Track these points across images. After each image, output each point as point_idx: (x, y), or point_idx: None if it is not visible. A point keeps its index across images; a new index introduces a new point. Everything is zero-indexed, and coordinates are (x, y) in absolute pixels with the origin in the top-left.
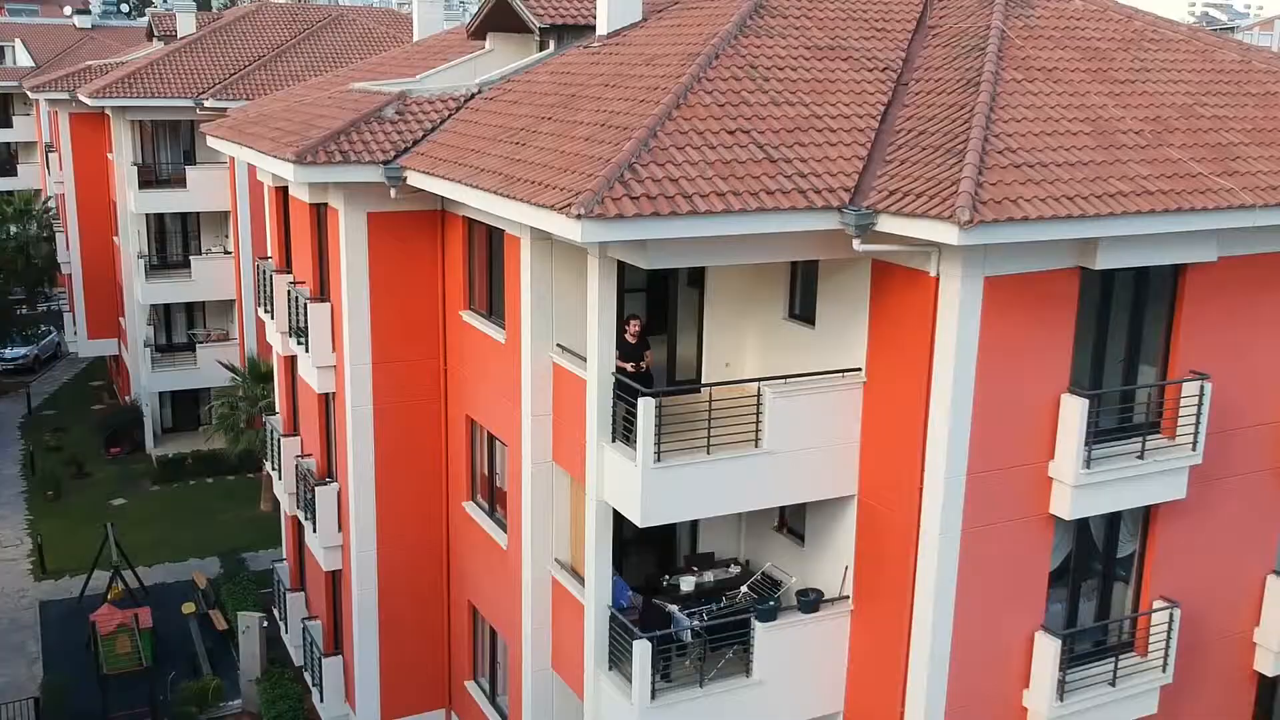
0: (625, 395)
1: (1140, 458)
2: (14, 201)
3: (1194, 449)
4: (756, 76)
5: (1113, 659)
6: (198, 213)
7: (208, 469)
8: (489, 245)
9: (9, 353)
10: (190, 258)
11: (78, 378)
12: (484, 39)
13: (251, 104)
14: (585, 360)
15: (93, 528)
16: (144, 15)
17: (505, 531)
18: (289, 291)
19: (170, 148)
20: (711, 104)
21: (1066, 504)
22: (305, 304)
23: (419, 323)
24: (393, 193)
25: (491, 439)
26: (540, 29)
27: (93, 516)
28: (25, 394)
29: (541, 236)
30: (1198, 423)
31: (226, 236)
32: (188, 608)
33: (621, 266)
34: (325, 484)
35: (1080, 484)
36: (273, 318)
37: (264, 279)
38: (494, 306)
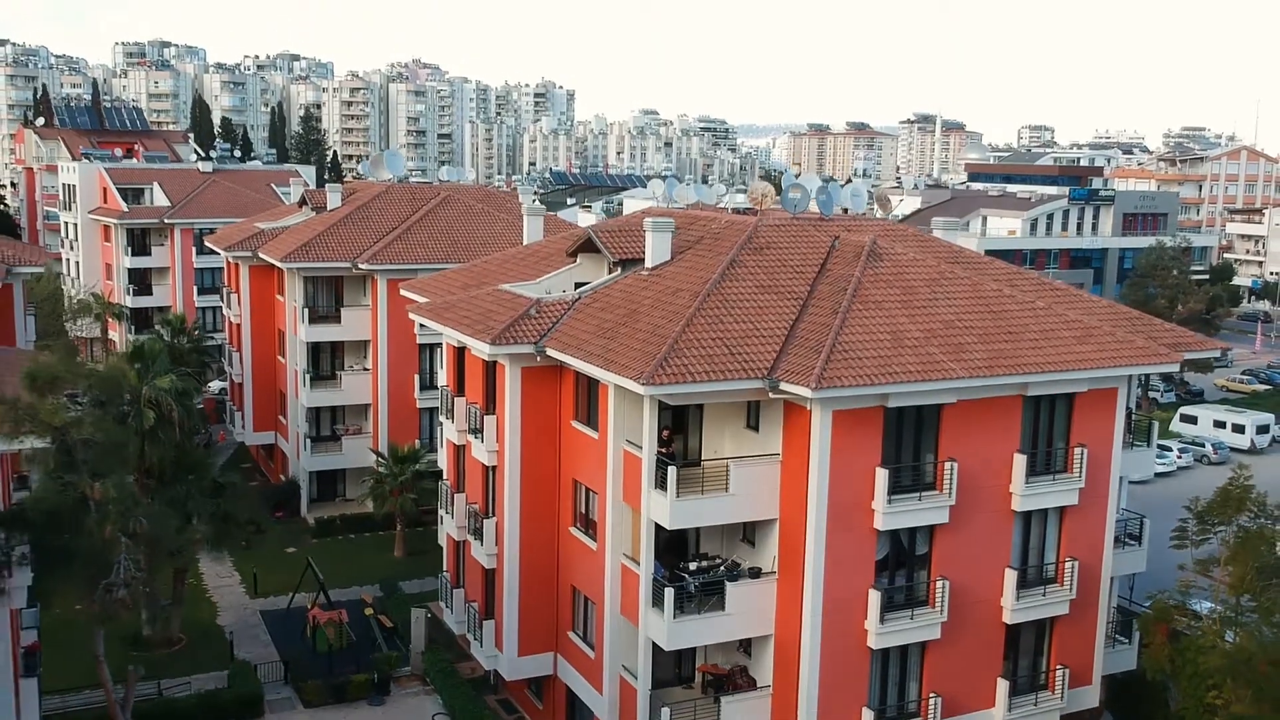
0: (661, 466)
1: (919, 500)
2: (172, 320)
3: (950, 496)
4: (729, 305)
5: (912, 607)
6: (343, 341)
7: (351, 528)
8: (589, 387)
9: None
10: (339, 372)
11: (229, 461)
12: (575, 257)
13: (419, 284)
14: (642, 448)
15: (278, 566)
16: (252, 158)
17: (595, 540)
18: (467, 408)
19: (326, 293)
20: (705, 324)
21: (881, 522)
22: (480, 415)
23: (546, 426)
24: (537, 358)
25: (588, 490)
26: (611, 260)
27: (275, 559)
28: None
29: (620, 385)
30: (953, 483)
31: (365, 357)
32: (368, 611)
33: (660, 401)
34: (489, 518)
35: (886, 512)
36: (453, 421)
37: (446, 398)
38: (591, 418)
